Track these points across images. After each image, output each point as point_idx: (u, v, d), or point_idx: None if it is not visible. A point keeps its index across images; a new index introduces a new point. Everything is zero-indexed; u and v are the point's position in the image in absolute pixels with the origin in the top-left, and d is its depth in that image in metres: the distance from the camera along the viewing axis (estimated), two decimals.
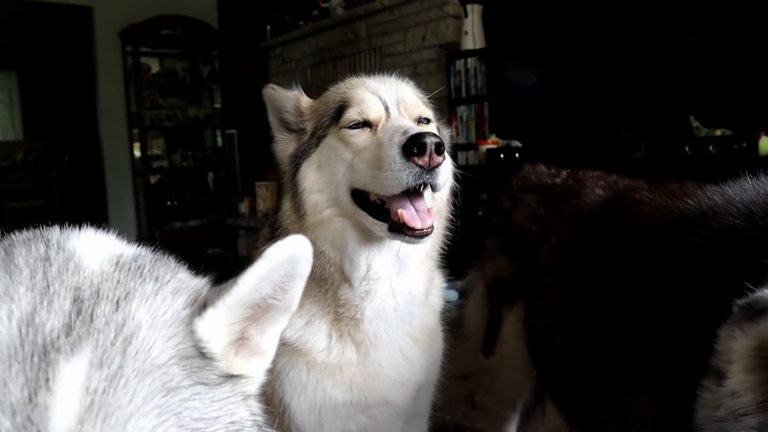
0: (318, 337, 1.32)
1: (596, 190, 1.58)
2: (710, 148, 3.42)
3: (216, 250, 7.32)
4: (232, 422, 0.61)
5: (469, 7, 4.82)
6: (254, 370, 0.68)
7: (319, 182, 1.28)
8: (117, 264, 0.64)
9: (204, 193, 8.36)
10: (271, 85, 1.40)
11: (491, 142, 4.35)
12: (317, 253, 1.27)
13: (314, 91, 1.45)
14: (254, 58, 7.49)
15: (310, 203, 1.27)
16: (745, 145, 3.29)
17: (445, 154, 1.19)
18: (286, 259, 0.64)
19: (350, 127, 1.25)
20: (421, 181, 1.15)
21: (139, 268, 0.65)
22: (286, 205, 1.32)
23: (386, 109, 1.26)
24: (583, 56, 4.12)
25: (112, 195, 8.15)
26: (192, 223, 8.07)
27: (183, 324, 0.61)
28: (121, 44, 7.99)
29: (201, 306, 0.63)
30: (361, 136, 1.24)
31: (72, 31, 8.39)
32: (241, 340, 0.67)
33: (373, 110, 1.25)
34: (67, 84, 9.09)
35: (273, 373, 1.37)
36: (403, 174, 1.13)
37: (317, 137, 1.30)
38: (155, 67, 8.49)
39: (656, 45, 3.77)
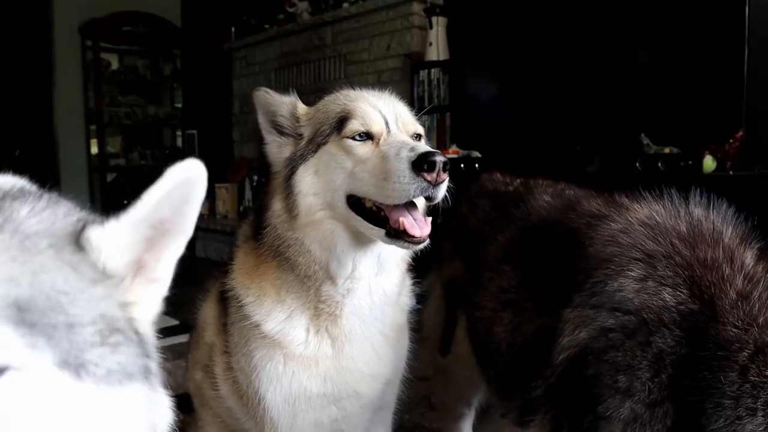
0: (297, 330, 1.39)
1: (544, 196, 1.71)
2: (659, 164, 3.60)
3: None
4: (102, 315, 0.62)
5: (433, 18, 4.94)
6: (151, 297, 0.71)
7: (314, 186, 1.36)
8: (18, 187, 0.69)
9: None
10: (264, 88, 1.47)
11: (452, 152, 4.47)
12: (304, 252, 1.35)
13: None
14: (217, 58, 7.47)
15: (304, 205, 1.35)
16: (690, 162, 3.48)
17: None
18: (185, 179, 0.66)
19: (353, 138, 1.33)
20: (427, 194, 1.25)
21: (39, 193, 0.69)
22: (277, 205, 1.39)
23: (386, 123, 1.35)
24: (542, 72, 4.28)
25: (66, 192, 7.92)
26: None
27: (71, 233, 0.63)
28: (80, 38, 7.85)
29: (98, 222, 0.66)
30: (363, 148, 1.33)
31: (29, 22, 8.20)
32: (139, 269, 0.69)
33: (376, 124, 1.35)
34: (21, 76, 8.88)
35: (250, 365, 1.44)
36: (411, 187, 1.23)
37: (316, 144, 1.38)
38: (115, 63, 8.36)
39: (612, 63, 3.95)
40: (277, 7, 6.45)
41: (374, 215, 1.31)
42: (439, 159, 1.22)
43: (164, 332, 0.89)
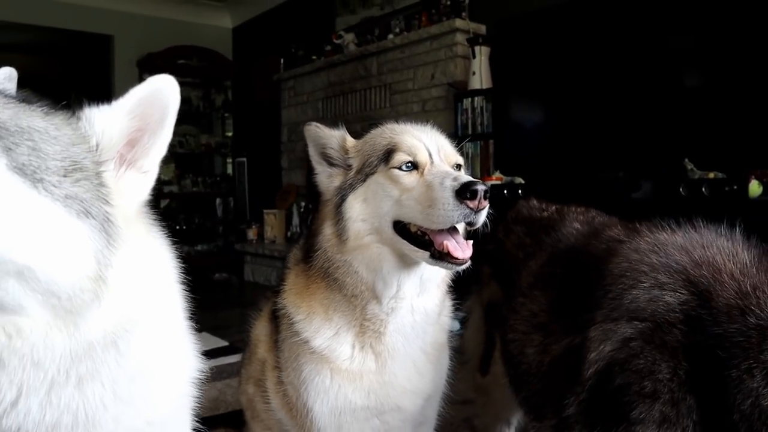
0: (343, 347, 1.49)
1: (574, 223, 1.79)
2: (703, 189, 3.60)
3: (222, 274, 7.47)
4: (70, 157, 0.81)
5: (476, 48, 5.05)
6: (141, 185, 0.91)
7: (363, 213, 1.46)
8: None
9: (212, 219, 8.55)
10: (315, 123, 1.59)
11: (495, 178, 4.54)
12: (352, 273, 1.45)
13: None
14: (266, 89, 7.75)
15: (354, 230, 1.45)
16: (735, 187, 3.47)
17: None
18: (163, 86, 0.89)
19: (399, 168, 1.44)
20: (469, 219, 1.33)
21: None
22: (328, 230, 1.49)
23: (429, 155, 1.45)
24: (586, 98, 4.33)
25: None
26: (199, 247, 8.23)
27: (63, 112, 0.86)
28: (138, 72, 8.25)
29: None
30: (409, 177, 1.43)
31: (92, 57, 8.67)
32: (131, 162, 0.90)
33: (420, 155, 1.44)
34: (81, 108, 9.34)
35: (299, 379, 1.54)
36: (455, 213, 1.32)
37: (364, 174, 1.48)
38: None
39: (656, 89, 3.98)
40: (324, 39, 6.67)
41: (419, 239, 1.40)
42: (480, 188, 1.31)
43: (213, 353, 1.02)
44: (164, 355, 0.93)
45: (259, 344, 1.75)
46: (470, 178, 1.35)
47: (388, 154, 1.46)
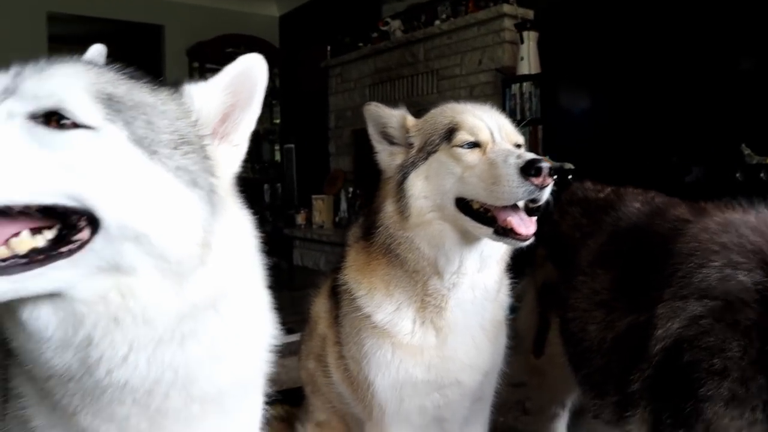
0: (405, 321, 1.53)
1: (634, 203, 1.78)
2: (761, 175, 3.52)
3: (272, 259, 7.58)
4: (178, 131, 0.87)
5: (525, 33, 5.01)
6: (233, 158, 0.97)
7: (425, 190, 1.50)
8: None
9: (260, 204, 8.70)
10: (374, 103, 1.63)
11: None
12: (413, 249, 1.49)
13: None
14: (314, 76, 7.82)
15: (416, 207, 1.49)
16: None
17: None
18: (253, 64, 0.95)
19: (461, 147, 1.47)
20: (533, 196, 1.36)
21: None
22: (390, 208, 1.54)
23: (491, 134, 1.48)
24: (637, 82, 4.27)
25: None
26: None
27: (168, 88, 0.92)
28: (188, 60, 8.43)
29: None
30: (472, 155, 1.46)
31: (144, 47, 8.87)
32: (224, 136, 0.96)
33: (482, 134, 1.48)
34: None
35: (361, 353, 1.59)
36: (519, 190, 1.35)
37: (426, 152, 1.52)
38: None
39: (710, 72, 3.90)
40: (370, 26, 6.70)
41: (481, 216, 1.44)
42: (545, 165, 1.34)
43: None
44: (251, 319, 0.99)
45: (319, 320, 1.81)
46: (534, 156, 1.37)
47: (450, 132, 1.49)
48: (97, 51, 1.08)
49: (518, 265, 2.06)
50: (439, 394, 1.57)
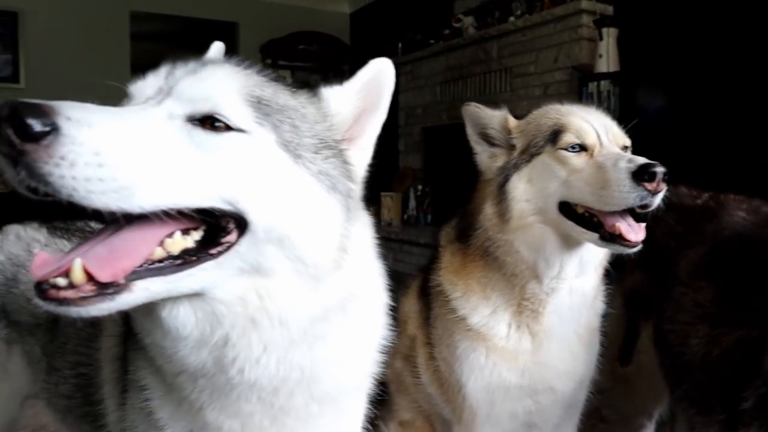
0: (500, 325, 1.52)
1: (738, 212, 1.71)
2: None
3: None
4: (318, 135, 0.89)
5: (604, 30, 4.88)
6: (360, 161, 0.98)
7: (527, 193, 1.48)
8: None
9: None
10: (474, 103, 1.61)
11: None
12: (513, 253, 1.48)
13: (442, 107, 1.67)
14: None
15: (517, 210, 1.48)
16: None
17: None
18: (381, 68, 0.97)
19: (567, 149, 1.45)
20: (645, 202, 1.33)
21: None
22: (489, 210, 1.53)
23: (598, 136, 1.45)
24: (722, 80, 4.10)
25: None
26: None
27: (307, 93, 0.93)
28: (261, 57, 8.58)
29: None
30: (578, 159, 1.44)
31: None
32: (351, 140, 0.97)
33: (590, 137, 1.45)
34: None
35: (453, 356, 1.59)
36: (630, 195, 1.32)
37: (529, 154, 1.50)
38: (288, 79, 9.01)
39: None
40: (443, 22, 6.66)
41: (586, 220, 1.41)
42: (660, 170, 1.30)
43: None
44: (371, 320, 1.00)
45: (408, 321, 1.81)
46: (647, 160, 1.33)
47: (555, 134, 1.47)
48: (217, 49, 1.11)
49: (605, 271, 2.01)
50: (532, 400, 1.56)
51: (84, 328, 1.28)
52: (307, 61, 8.62)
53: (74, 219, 1.60)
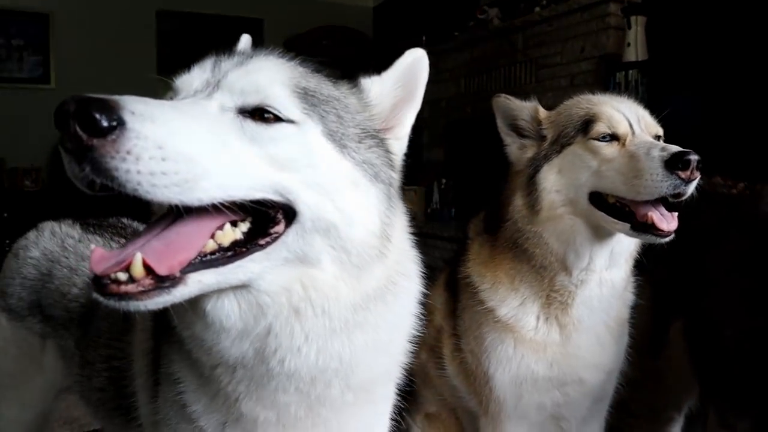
0: (529, 317, 1.51)
1: None
2: None
3: None
4: (360, 125, 0.91)
5: (632, 18, 4.80)
6: (397, 150, 0.99)
7: (558, 184, 1.47)
8: None
9: None
10: (504, 95, 1.60)
11: None
12: (542, 245, 1.47)
13: (467, 100, 1.66)
14: None
15: (547, 201, 1.47)
16: None
17: None
18: (416, 58, 0.99)
19: (598, 139, 1.43)
20: (678, 190, 1.31)
21: None
22: (519, 201, 1.52)
23: (630, 126, 1.43)
24: (753, 69, 4.01)
25: None
26: None
27: (347, 83, 0.96)
28: (285, 53, 8.61)
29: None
30: (609, 148, 1.42)
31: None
32: (388, 129, 0.98)
33: (621, 126, 1.43)
34: None
35: (481, 347, 1.58)
36: (664, 184, 1.30)
37: (560, 145, 1.49)
38: None
39: None
40: (467, 14, 6.61)
41: (617, 210, 1.39)
42: (694, 158, 1.28)
43: None
44: (406, 310, 1.00)
45: (435, 312, 1.81)
46: (680, 148, 1.31)
47: (586, 124, 1.45)
48: (246, 41, 1.12)
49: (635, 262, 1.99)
50: (560, 391, 1.55)
51: (116, 323, 1.30)
52: (330, 55, 8.63)
53: (107, 215, 1.63)
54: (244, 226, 0.80)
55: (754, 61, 4.01)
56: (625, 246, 1.49)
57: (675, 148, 1.32)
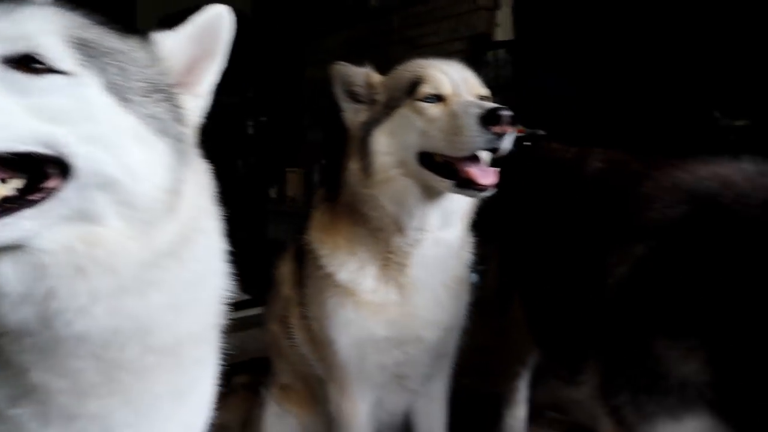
0: (368, 280, 1.54)
1: (596, 163, 1.78)
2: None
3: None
4: (148, 79, 0.87)
5: None
6: (196, 108, 0.96)
7: (389, 146, 1.49)
8: None
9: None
10: (342, 62, 1.61)
11: (518, 131, 4.49)
12: (377, 207, 1.49)
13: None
14: (288, 48, 7.68)
15: (379, 164, 1.49)
16: None
17: None
18: (216, 14, 0.95)
19: (424, 100, 1.46)
20: (493, 145, 1.36)
21: None
22: (354, 166, 1.53)
23: (455, 86, 1.47)
24: (614, 46, 4.21)
25: None
26: None
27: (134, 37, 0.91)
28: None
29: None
30: (435, 109, 1.45)
31: (117, 18, 8.66)
32: (188, 86, 0.95)
33: (445, 87, 1.47)
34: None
35: (323, 313, 1.59)
36: (479, 139, 1.35)
37: (390, 107, 1.51)
38: None
39: (687, 40, 3.86)
40: None
41: (444, 169, 1.43)
42: (505, 113, 1.33)
43: (237, 306, 1.08)
44: (208, 268, 0.97)
45: (283, 283, 1.80)
46: (495, 105, 1.36)
47: (414, 86, 1.48)
48: None
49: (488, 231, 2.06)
50: (400, 350, 1.58)
51: None
52: None
53: None
54: (19, 183, 0.76)
55: (619, 40, 4.21)
56: (457, 205, 1.53)
57: (490, 105, 1.37)
